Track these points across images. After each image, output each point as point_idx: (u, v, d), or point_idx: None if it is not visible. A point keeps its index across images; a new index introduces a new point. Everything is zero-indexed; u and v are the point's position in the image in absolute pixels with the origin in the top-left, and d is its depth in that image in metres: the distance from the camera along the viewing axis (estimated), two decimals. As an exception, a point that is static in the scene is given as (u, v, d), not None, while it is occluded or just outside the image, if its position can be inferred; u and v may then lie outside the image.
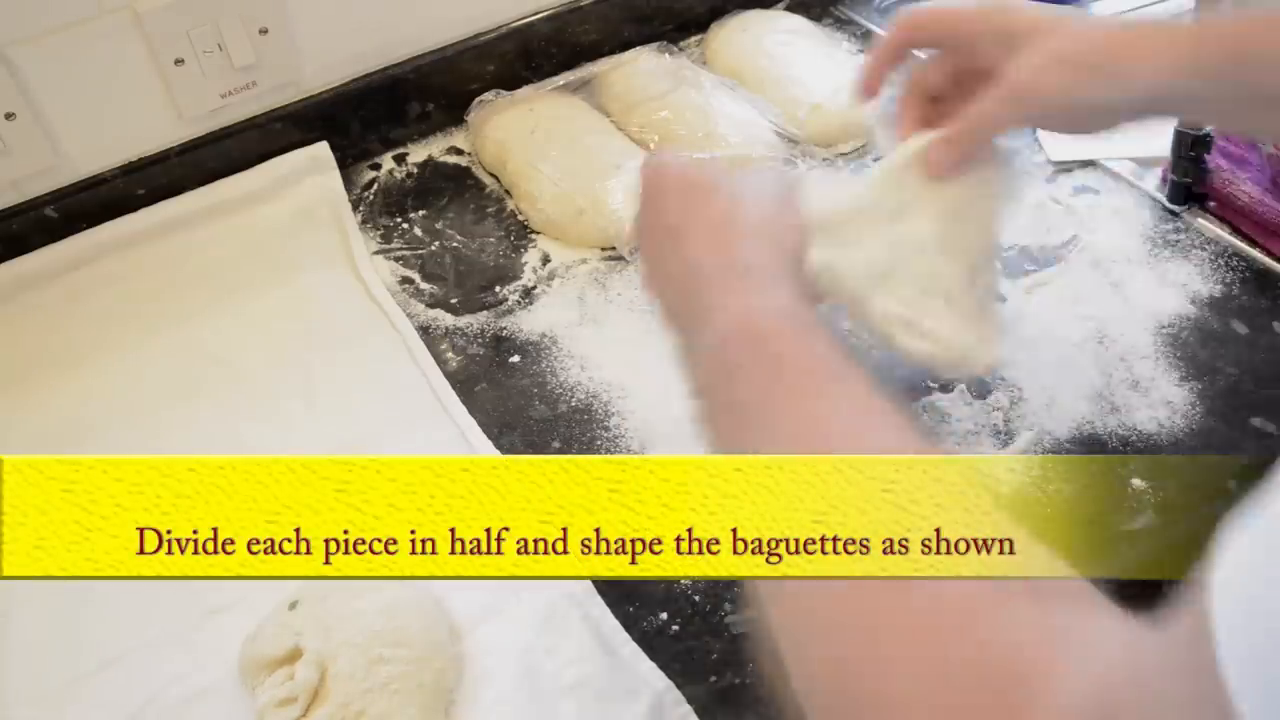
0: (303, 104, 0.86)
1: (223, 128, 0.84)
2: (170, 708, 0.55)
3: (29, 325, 0.76)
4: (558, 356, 0.74)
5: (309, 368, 0.73)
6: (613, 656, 0.56)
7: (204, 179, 0.83)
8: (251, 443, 0.68)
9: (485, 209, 0.87)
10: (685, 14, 1.02)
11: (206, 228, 0.82)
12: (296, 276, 0.80)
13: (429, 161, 0.92)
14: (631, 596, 0.59)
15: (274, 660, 0.53)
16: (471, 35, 0.92)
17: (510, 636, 0.57)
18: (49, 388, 0.72)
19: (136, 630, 0.58)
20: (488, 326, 0.76)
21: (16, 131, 0.74)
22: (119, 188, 0.81)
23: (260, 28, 0.80)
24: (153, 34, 0.76)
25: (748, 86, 0.93)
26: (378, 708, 0.51)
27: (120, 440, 0.68)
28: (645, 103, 0.90)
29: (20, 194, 0.78)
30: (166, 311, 0.77)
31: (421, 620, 0.55)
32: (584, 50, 0.97)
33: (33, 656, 0.58)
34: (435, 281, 0.80)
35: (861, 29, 1.04)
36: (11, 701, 0.56)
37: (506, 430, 0.69)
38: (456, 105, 0.93)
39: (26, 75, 0.73)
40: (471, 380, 0.72)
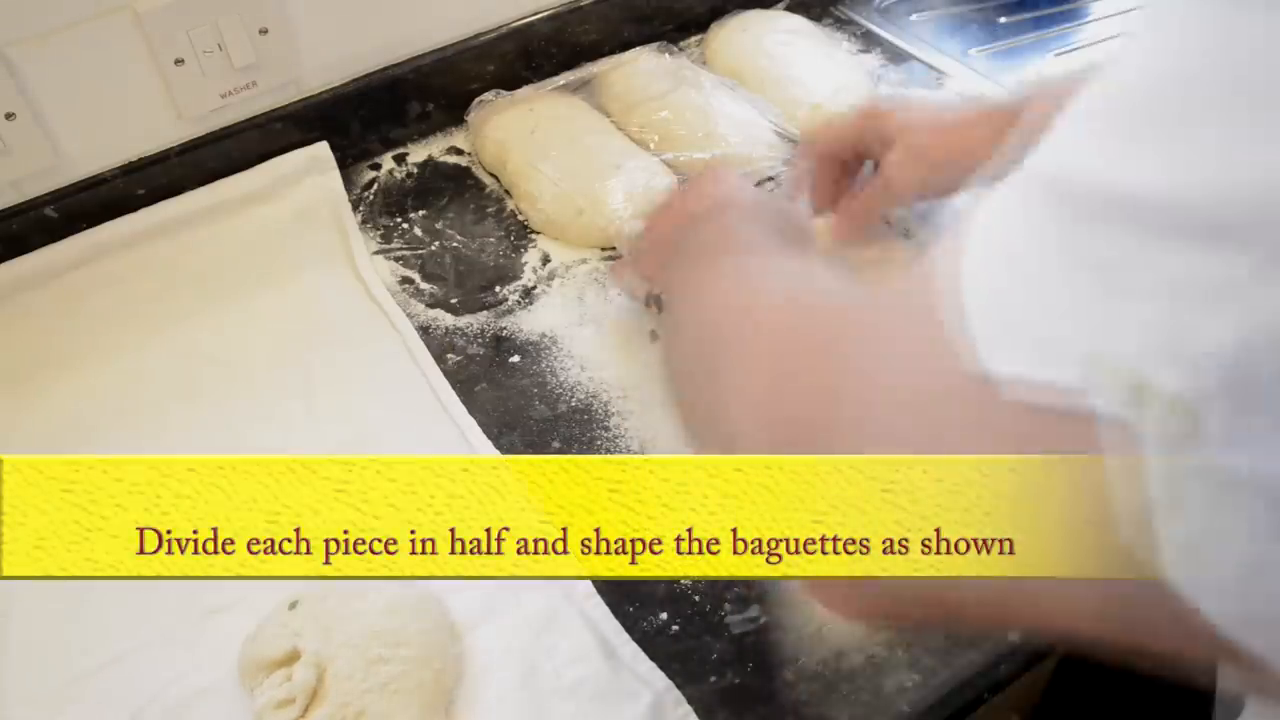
0: (303, 104, 0.86)
1: (223, 128, 0.84)
2: (170, 708, 0.55)
3: (29, 325, 0.76)
4: (558, 356, 0.74)
5: (309, 368, 0.73)
6: (613, 657, 0.56)
7: (204, 179, 0.83)
8: (251, 443, 0.68)
9: (485, 209, 0.87)
10: (685, 14, 1.02)
11: (206, 228, 0.82)
12: (296, 276, 0.80)
13: (429, 161, 0.92)
14: (631, 596, 0.59)
15: (272, 661, 0.53)
16: (471, 35, 0.92)
17: (510, 636, 0.57)
18: (49, 388, 0.72)
19: (136, 630, 0.58)
20: (488, 326, 0.77)
21: (16, 131, 0.74)
22: (119, 188, 0.81)
23: (260, 28, 0.80)
24: (152, 34, 0.76)
25: (748, 86, 0.93)
26: (377, 708, 0.51)
27: (120, 440, 0.68)
28: (645, 103, 0.90)
29: (20, 194, 0.78)
30: (166, 311, 0.77)
31: (421, 620, 0.55)
32: (584, 50, 0.97)
33: (33, 656, 0.58)
34: (435, 281, 0.80)
35: (861, 29, 1.04)
36: (11, 701, 0.56)
37: (506, 430, 0.69)
38: (456, 105, 0.93)
39: (26, 75, 0.73)
40: (471, 380, 0.72)
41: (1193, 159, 0.19)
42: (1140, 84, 0.21)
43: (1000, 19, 1.06)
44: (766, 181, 0.85)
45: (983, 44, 1.02)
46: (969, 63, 1.00)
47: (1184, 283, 0.19)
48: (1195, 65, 0.20)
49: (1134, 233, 0.20)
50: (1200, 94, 0.20)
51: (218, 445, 0.68)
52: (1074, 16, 1.07)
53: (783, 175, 0.86)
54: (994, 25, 1.05)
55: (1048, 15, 1.06)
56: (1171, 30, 0.21)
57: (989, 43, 1.03)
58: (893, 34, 1.03)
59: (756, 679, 0.56)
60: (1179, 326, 0.19)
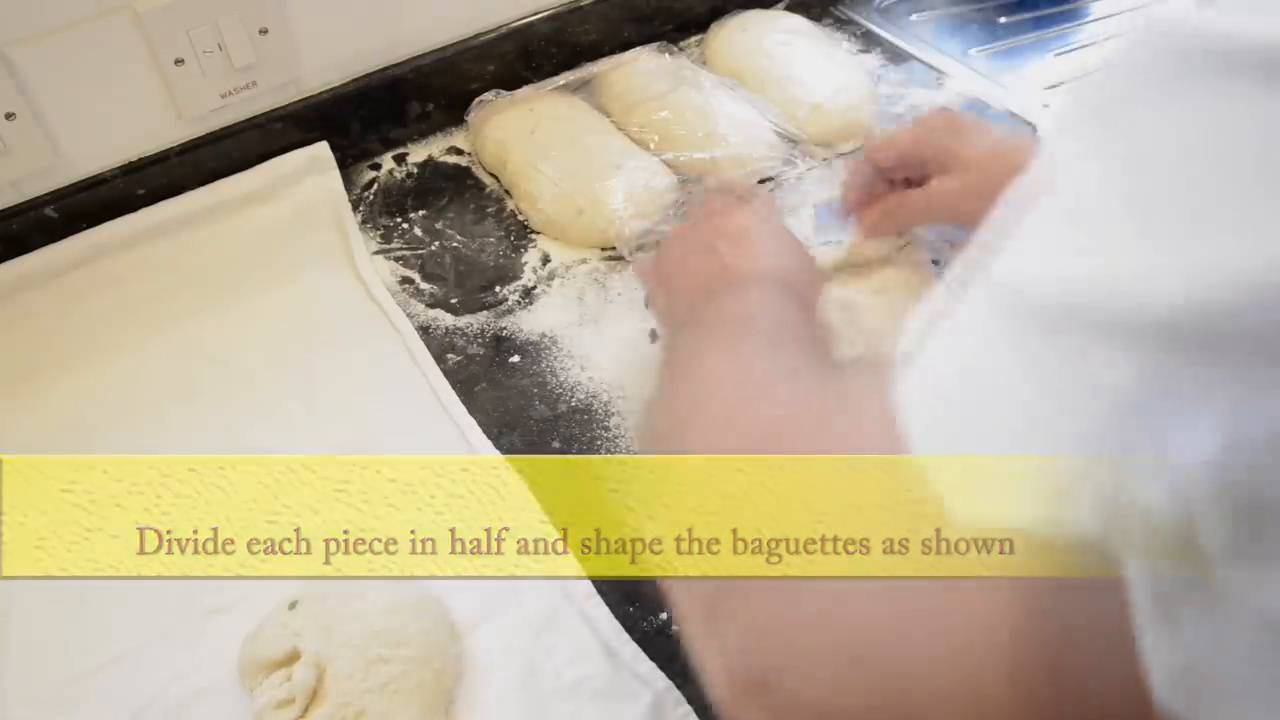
0: (303, 104, 0.86)
1: (223, 128, 0.84)
2: (170, 708, 0.55)
3: (29, 325, 0.76)
4: (558, 356, 0.74)
5: (309, 368, 0.73)
6: (613, 656, 0.56)
7: (204, 179, 0.83)
8: (251, 443, 0.68)
9: (485, 209, 0.87)
10: (685, 14, 1.02)
11: (206, 228, 0.82)
12: (296, 276, 0.80)
13: (429, 161, 0.92)
14: (631, 596, 0.59)
15: (272, 662, 0.53)
16: (471, 35, 0.92)
17: (510, 636, 0.57)
18: (49, 388, 0.72)
19: (136, 630, 0.58)
20: (488, 326, 0.77)
21: (16, 131, 0.74)
22: (119, 188, 0.81)
23: (260, 28, 0.80)
24: (152, 34, 0.76)
25: (748, 86, 0.93)
26: (377, 708, 0.51)
27: (120, 440, 0.68)
28: (645, 103, 0.90)
29: (20, 194, 0.78)
30: (166, 311, 0.77)
31: (421, 620, 0.55)
32: (584, 50, 0.97)
33: (33, 656, 0.58)
34: (435, 281, 0.80)
35: (861, 29, 1.04)
36: (11, 701, 0.56)
37: (506, 430, 0.69)
38: (456, 105, 0.93)
39: (26, 75, 0.73)
40: (471, 380, 0.72)
41: (1165, 264, 0.18)
42: (1099, 191, 0.20)
43: (1000, 19, 1.06)
44: (766, 181, 0.85)
45: (983, 44, 1.02)
46: (969, 63, 1.00)
47: (1161, 390, 0.18)
48: (1158, 168, 0.19)
49: (1100, 340, 0.19)
50: (1165, 197, 0.19)
51: (218, 445, 0.68)
52: (1074, 16, 1.07)
53: (782, 175, 0.86)
54: (994, 25, 1.05)
55: (1048, 15, 1.06)
56: (1127, 126, 0.20)
57: (989, 43, 1.03)
58: (893, 34, 1.03)
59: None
60: (1158, 438, 0.18)
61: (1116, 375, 0.19)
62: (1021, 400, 0.20)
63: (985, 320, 0.22)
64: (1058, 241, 0.21)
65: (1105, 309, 0.19)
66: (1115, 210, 0.19)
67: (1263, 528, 0.17)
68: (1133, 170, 0.19)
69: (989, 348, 0.21)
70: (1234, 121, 0.18)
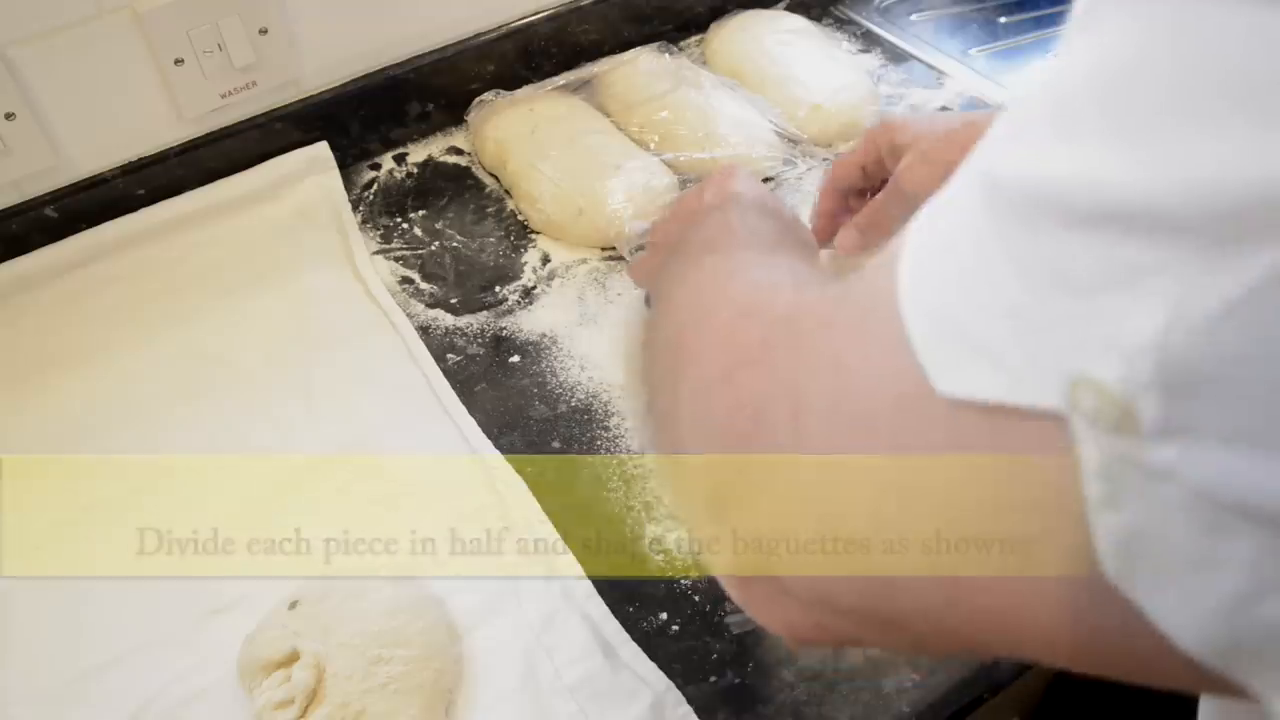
0: (303, 104, 0.86)
1: (223, 128, 0.84)
2: (170, 708, 0.55)
3: (29, 325, 0.76)
4: (558, 356, 0.74)
5: (309, 368, 0.73)
6: (613, 656, 0.56)
7: (204, 179, 0.83)
8: (251, 443, 0.68)
9: (485, 209, 0.87)
10: (685, 14, 1.02)
11: (206, 228, 0.82)
12: (296, 276, 0.80)
13: (429, 161, 0.92)
14: (632, 596, 0.59)
15: (271, 662, 0.53)
16: (471, 35, 0.92)
17: (510, 636, 0.57)
18: (49, 388, 0.72)
19: (136, 630, 0.58)
20: (488, 326, 0.77)
21: (16, 131, 0.74)
22: (119, 188, 0.81)
23: (260, 28, 0.80)
24: (153, 34, 0.76)
25: (748, 86, 0.93)
26: (377, 708, 0.51)
27: (120, 440, 0.68)
28: (645, 103, 0.90)
29: (20, 194, 0.78)
30: (166, 311, 0.77)
31: (421, 620, 0.55)
32: (584, 50, 0.97)
33: (33, 656, 0.58)
34: (435, 281, 0.80)
35: (861, 29, 1.04)
36: (11, 701, 0.56)
37: (506, 430, 0.69)
38: (456, 105, 0.93)
39: (26, 75, 0.73)
40: (471, 380, 0.72)
41: (1124, 149, 0.19)
42: (1072, 80, 0.21)
43: (1000, 19, 1.06)
44: (767, 181, 0.85)
45: (983, 44, 1.02)
46: (969, 63, 1.00)
47: (1116, 274, 0.19)
48: (1127, 62, 0.20)
49: (1066, 226, 0.20)
50: (1134, 90, 0.20)
51: (218, 445, 0.68)
52: (1074, 16, 1.07)
53: (782, 175, 0.86)
54: (994, 25, 1.05)
55: (1048, 15, 1.06)
56: (1102, 29, 0.21)
57: (989, 43, 1.03)
58: (893, 34, 1.03)
59: (756, 679, 0.56)
60: (1112, 318, 0.19)
61: (1082, 263, 0.20)
62: (997, 279, 0.22)
63: (972, 206, 0.23)
64: (1035, 136, 0.22)
65: (1072, 200, 0.20)
66: (1090, 108, 0.21)
67: (1195, 403, 0.19)
68: (1110, 70, 0.20)
69: (976, 235, 0.23)
70: (1213, 29, 0.18)
